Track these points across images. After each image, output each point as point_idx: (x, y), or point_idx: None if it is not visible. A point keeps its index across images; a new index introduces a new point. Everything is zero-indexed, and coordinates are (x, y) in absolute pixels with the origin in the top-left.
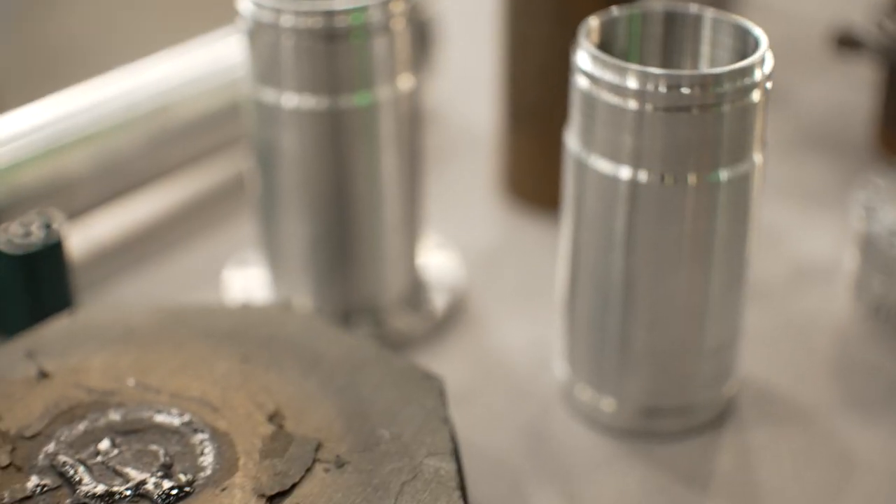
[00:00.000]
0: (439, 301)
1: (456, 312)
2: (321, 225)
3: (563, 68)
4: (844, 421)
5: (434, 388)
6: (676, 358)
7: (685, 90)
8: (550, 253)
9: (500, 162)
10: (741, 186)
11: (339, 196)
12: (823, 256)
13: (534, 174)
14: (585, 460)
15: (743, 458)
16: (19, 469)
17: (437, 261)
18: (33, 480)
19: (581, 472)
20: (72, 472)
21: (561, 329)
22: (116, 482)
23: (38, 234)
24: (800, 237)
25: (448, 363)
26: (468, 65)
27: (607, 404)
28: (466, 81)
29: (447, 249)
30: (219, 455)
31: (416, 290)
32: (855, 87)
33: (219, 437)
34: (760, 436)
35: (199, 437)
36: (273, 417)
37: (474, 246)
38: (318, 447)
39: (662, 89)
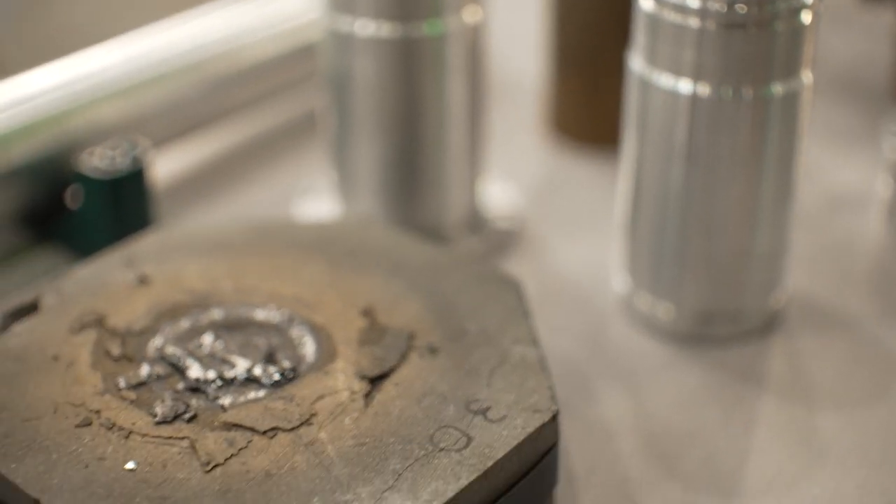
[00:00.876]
0: (499, 225)
1: (514, 236)
2: (391, 149)
3: (610, 8)
4: (886, 329)
5: (512, 288)
6: (731, 264)
7: (742, 8)
8: (598, 185)
9: (546, 102)
10: (792, 102)
11: (409, 122)
12: (857, 187)
13: (579, 113)
14: (647, 363)
15: (793, 361)
16: (131, 360)
17: (494, 190)
18: (145, 369)
19: (643, 373)
20: (181, 361)
21: (622, 242)
22: (225, 368)
23: (123, 160)
24: (833, 170)
25: None
26: (513, 7)
27: (666, 311)
28: (511, 24)
29: (502, 180)
30: (318, 345)
31: (476, 215)
32: (878, 38)
33: (316, 330)
34: (808, 341)
35: (298, 330)
36: (366, 313)
37: (525, 180)
38: (411, 337)
39: (722, 7)
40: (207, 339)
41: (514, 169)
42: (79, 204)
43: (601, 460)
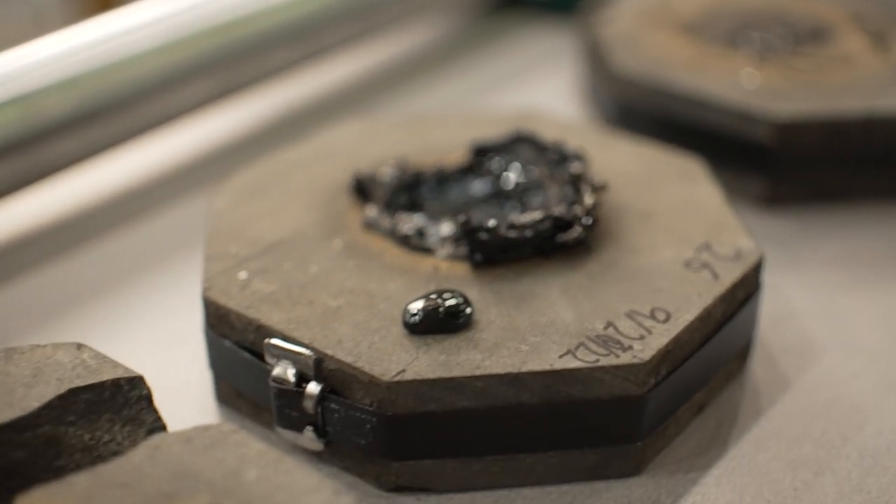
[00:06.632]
0: None
1: None
2: None
3: None
4: None
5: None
6: None
7: None
8: None
9: None
10: None
11: None
12: None
13: None
14: None
15: None
16: (701, 31)
17: None
18: (717, 33)
19: None
20: (741, 33)
21: None
22: (774, 37)
23: None
24: None
25: None
26: None
27: None
28: None
29: None
30: (821, 24)
31: None
32: None
33: (814, 18)
34: None
35: (800, 13)
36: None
37: None
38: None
39: None
40: (751, 22)
41: None
42: None
43: None
